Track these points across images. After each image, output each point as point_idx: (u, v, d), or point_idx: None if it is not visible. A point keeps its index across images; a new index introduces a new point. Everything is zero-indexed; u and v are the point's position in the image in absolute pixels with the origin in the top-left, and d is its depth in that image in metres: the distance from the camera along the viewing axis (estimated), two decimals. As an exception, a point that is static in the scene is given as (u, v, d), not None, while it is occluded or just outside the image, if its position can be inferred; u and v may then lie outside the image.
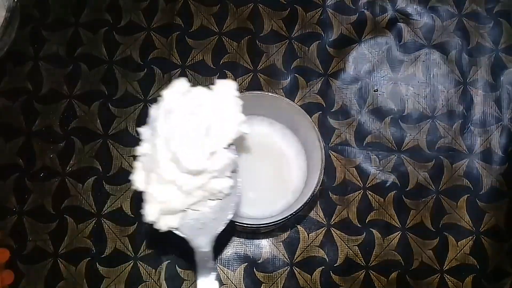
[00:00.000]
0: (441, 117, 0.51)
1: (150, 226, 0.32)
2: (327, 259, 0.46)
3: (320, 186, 0.38)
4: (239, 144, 0.42)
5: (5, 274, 0.44)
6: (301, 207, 0.37)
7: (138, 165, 0.30)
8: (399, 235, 0.47)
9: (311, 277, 0.46)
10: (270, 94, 0.41)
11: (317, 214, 0.47)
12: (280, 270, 0.46)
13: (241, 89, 0.50)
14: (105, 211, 0.47)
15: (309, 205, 0.47)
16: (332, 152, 0.49)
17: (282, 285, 0.46)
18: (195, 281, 0.45)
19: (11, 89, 0.49)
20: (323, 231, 0.47)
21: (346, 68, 0.52)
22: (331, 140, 0.49)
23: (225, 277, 0.46)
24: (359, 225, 0.47)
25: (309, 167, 0.42)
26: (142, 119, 0.49)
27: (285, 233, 0.47)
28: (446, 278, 0.47)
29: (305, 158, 0.43)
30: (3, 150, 0.48)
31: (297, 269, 0.46)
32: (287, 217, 0.37)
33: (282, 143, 0.44)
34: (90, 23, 0.52)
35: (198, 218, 0.31)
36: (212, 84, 0.33)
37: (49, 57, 0.50)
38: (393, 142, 0.50)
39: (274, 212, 0.40)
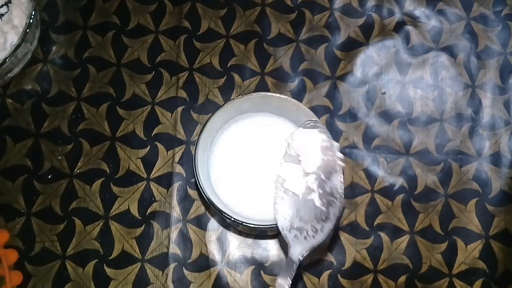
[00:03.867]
0: (449, 120, 0.50)
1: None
2: (335, 262, 0.46)
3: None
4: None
5: (14, 275, 0.44)
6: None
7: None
8: (407, 238, 0.47)
9: (319, 280, 0.46)
10: (278, 95, 0.41)
11: (324, 217, 0.47)
12: (287, 273, 0.46)
13: (248, 92, 0.50)
14: (113, 213, 0.47)
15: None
16: (339, 154, 0.49)
17: (289, 288, 0.45)
18: (203, 282, 0.45)
19: (20, 91, 0.50)
20: (331, 234, 0.47)
21: (354, 71, 0.51)
22: (339, 142, 0.49)
23: (232, 279, 0.46)
24: (367, 228, 0.47)
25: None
26: (150, 122, 0.49)
27: (293, 236, 0.47)
28: (455, 282, 0.46)
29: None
30: (12, 151, 0.48)
31: (304, 272, 0.46)
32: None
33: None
34: (98, 26, 0.52)
35: (302, 228, 0.36)
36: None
37: (58, 60, 0.51)
38: (401, 145, 0.50)
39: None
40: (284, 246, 0.46)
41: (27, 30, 0.46)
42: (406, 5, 0.54)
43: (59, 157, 0.48)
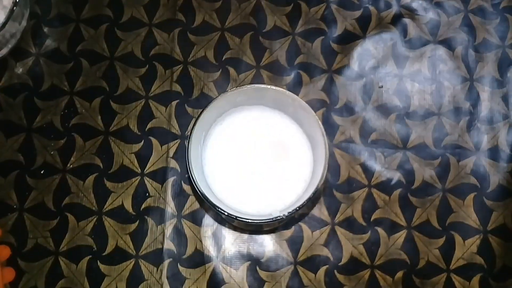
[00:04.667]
0: (447, 113, 0.50)
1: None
2: (332, 258, 0.46)
3: (323, 182, 0.37)
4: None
5: (6, 272, 0.43)
6: (304, 202, 0.37)
7: None
8: (404, 233, 0.47)
9: (315, 276, 0.45)
10: (273, 87, 0.40)
11: (321, 212, 0.47)
12: (283, 269, 0.45)
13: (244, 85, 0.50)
14: (106, 209, 0.46)
15: (312, 202, 0.47)
16: (336, 149, 0.48)
17: (285, 284, 0.45)
18: (198, 278, 0.44)
19: (12, 85, 0.49)
20: (327, 230, 0.46)
21: (351, 64, 0.51)
22: (335, 137, 0.49)
23: (228, 275, 0.45)
24: (364, 224, 0.47)
25: (313, 163, 0.41)
26: (144, 116, 0.49)
27: (289, 231, 0.46)
28: (452, 277, 0.46)
29: (311, 152, 0.42)
30: (4, 146, 0.47)
31: (300, 267, 0.45)
32: (289, 212, 0.37)
33: (286, 135, 0.43)
34: (91, 19, 0.51)
35: None
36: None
37: (50, 53, 0.50)
38: (398, 139, 0.49)
39: (279, 208, 0.40)
40: (281, 242, 0.46)
41: (14, 8, 0.45)
42: (403, -2, 0.53)
43: (52, 152, 0.47)
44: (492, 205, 0.48)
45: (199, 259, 0.45)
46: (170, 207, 0.46)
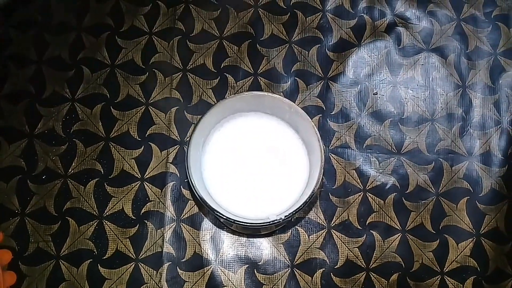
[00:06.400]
0: (440, 120, 0.51)
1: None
2: (328, 261, 0.47)
3: (320, 187, 0.38)
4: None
5: (7, 276, 0.44)
6: (300, 206, 0.37)
7: None
8: (399, 237, 0.47)
9: (312, 279, 0.46)
10: (270, 94, 0.41)
11: (317, 216, 0.48)
12: (280, 272, 0.46)
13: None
14: (107, 213, 0.47)
15: (309, 206, 0.48)
16: (332, 154, 0.49)
17: (282, 286, 0.46)
18: (196, 282, 0.45)
19: (14, 92, 0.50)
20: (324, 233, 0.47)
21: (346, 71, 0.52)
22: (331, 142, 0.50)
23: (226, 278, 0.46)
24: (360, 227, 0.48)
25: (310, 168, 0.42)
26: (144, 122, 0.50)
27: (286, 235, 0.47)
28: (446, 280, 0.47)
29: (307, 157, 0.43)
30: (6, 152, 0.48)
31: (297, 271, 0.46)
32: (286, 216, 0.37)
33: (283, 140, 0.43)
34: (92, 27, 0.52)
35: None
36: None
37: (52, 61, 0.51)
38: (392, 144, 0.50)
39: (276, 212, 0.41)
40: (278, 245, 0.47)
41: None
42: (397, 7, 0.54)
43: (53, 158, 0.48)
44: (485, 209, 0.49)
45: (198, 262, 0.46)
46: (170, 212, 0.47)
